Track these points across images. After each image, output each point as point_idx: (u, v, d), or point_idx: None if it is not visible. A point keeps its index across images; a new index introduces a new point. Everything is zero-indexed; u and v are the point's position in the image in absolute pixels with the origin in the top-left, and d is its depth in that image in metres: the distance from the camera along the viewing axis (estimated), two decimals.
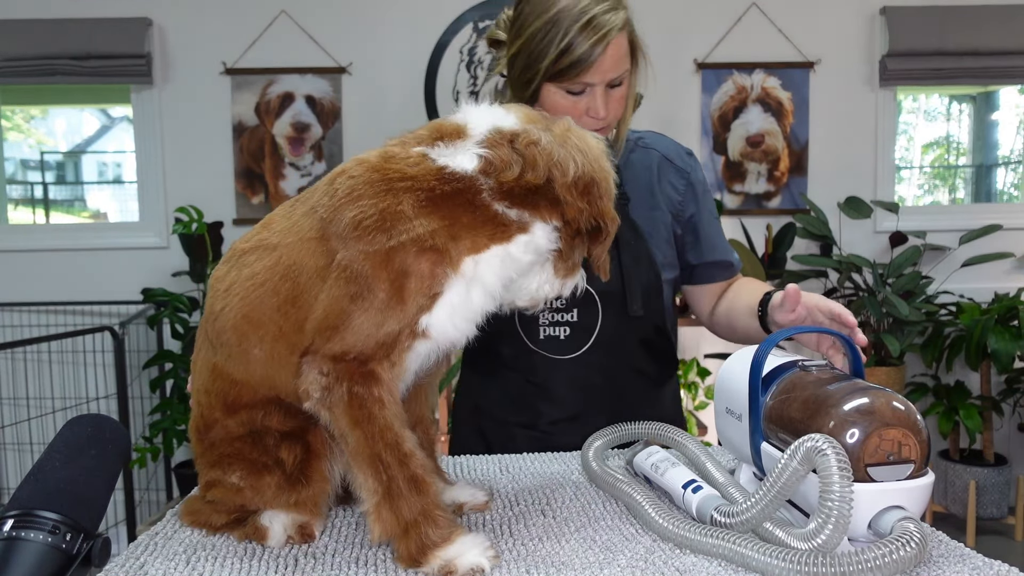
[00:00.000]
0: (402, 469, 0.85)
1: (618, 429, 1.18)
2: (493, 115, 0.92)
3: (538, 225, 0.90)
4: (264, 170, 3.54)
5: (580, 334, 1.34)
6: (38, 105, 3.86)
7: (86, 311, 3.51)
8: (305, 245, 0.88)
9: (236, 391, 0.93)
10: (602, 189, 0.92)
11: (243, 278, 0.91)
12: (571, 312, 1.33)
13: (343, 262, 0.85)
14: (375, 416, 0.86)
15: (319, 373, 0.86)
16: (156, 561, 0.87)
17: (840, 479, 0.75)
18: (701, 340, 3.60)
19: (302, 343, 0.88)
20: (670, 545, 0.89)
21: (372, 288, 0.84)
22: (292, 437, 0.92)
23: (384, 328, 0.85)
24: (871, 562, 0.74)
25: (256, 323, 0.90)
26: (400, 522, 0.85)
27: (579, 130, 0.94)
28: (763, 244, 3.41)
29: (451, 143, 0.89)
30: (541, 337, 1.35)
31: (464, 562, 0.82)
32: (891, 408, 0.82)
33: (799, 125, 3.57)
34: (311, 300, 0.87)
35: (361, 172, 0.88)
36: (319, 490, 0.93)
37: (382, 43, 3.51)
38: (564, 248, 0.93)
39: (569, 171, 0.89)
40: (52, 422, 3.28)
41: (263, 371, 0.91)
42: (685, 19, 3.53)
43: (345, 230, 0.85)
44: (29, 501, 0.63)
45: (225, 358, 0.93)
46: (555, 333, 1.34)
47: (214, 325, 0.94)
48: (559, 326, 1.34)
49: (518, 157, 0.88)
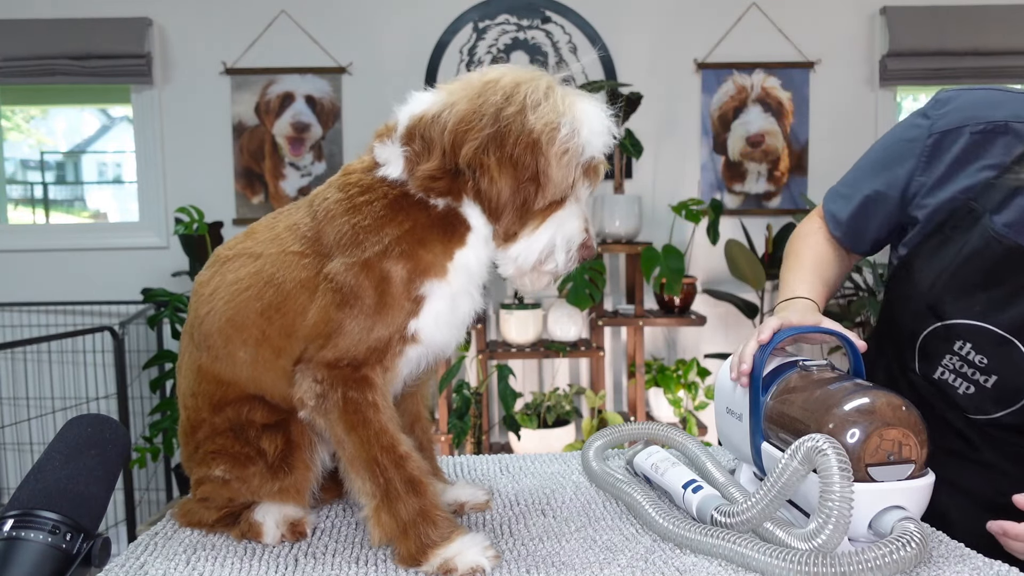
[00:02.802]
0: (399, 471, 0.86)
1: (618, 429, 1.18)
2: (418, 101, 0.92)
3: (468, 211, 0.89)
4: (264, 170, 3.54)
5: (978, 404, 1.02)
6: (38, 105, 3.86)
7: (86, 311, 3.51)
8: (288, 257, 0.91)
9: (223, 391, 0.95)
10: (482, 114, 0.85)
11: (227, 283, 0.94)
12: (989, 377, 0.99)
13: (330, 274, 0.88)
14: (370, 420, 0.87)
15: (313, 380, 0.88)
16: (156, 561, 0.87)
17: (841, 479, 0.75)
18: (701, 340, 3.61)
19: (290, 349, 0.91)
20: (670, 545, 0.89)
21: (359, 295, 0.87)
22: (273, 429, 0.94)
23: (374, 333, 0.88)
24: (871, 562, 0.74)
25: (240, 326, 0.92)
26: (399, 523, 0.85)
27: (494, 69, 0.90)
28: (763, 244, 3.41)
29: (383, 142, 0.92)
30: (936, 376, 1.05)
31: (464, 561, 0.82)
32: (892, 408, 0.82)
33: (799, 125, 3.57)
34: (297, 308, 0.90)
35: (332, 193, 0.92)
36: (302, 477, 0.95)
37: (382, 43, 3.50)
38: (502, 225, 0.89)
39: (447, 127, 0.86)
40: (52, 422, 3.28)
41: (249, 372, 0.94)
42: (685, 19, 3.53)
43: (327, 248, 0.89)
44: (29, 501, 0.63)
45: (211, 360, 0.95)
46: (955, 383, 1.02)
47: (200, 328, 0.96)
48: (966, 380, 1.02)
49: (423, 146, 0.89)
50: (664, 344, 3.64)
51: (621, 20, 3.52)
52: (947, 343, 1.01)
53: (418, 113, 0.90)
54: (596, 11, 3.51)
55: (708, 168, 3.58)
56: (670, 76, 3.54)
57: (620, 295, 3.56)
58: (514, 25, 3.51)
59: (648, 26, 3.54)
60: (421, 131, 0.89)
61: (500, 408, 3.39)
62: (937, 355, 1.03)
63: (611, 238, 3.18)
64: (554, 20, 3.51)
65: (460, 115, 0.86)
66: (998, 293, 0.96)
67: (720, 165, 3.59)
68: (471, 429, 2.91)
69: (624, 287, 3.48)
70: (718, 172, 3.59)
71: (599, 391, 3.17)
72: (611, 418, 3.11)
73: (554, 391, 3.24)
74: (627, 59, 3.54)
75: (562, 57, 3.53)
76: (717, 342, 3.59)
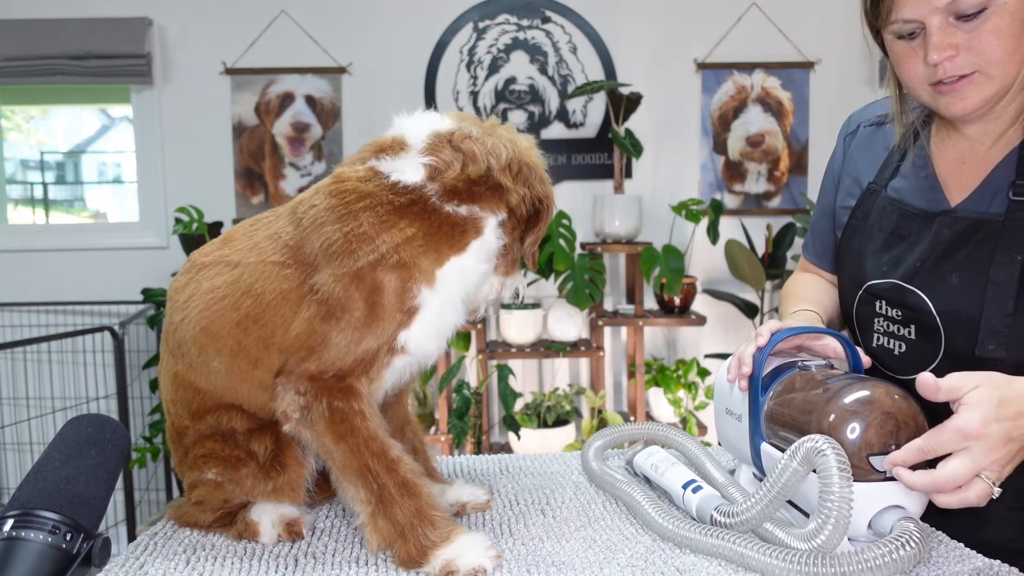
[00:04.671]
0: (391, 476, 0.86)
1: (618, 429, 1.18)
2: (428, 121, 0.95)
3: (488, 221, 0.92)
4: (264, 170, 3.54)
5: (915, 360, 1.05)
6: (38, 105, 3.86)
7: (86, 311, 3.51)
8: (268, 267, 0.90)
9: (200, 398, 0.95)
10: (536, 172, 0.96)
11: (202, 291, 0.93)
12: (908, 327, 1.05)
13: (316, 286, 0.87)
14: (358, 428, 0.87)
15: (296, 393, 0.87)
16: (156, 561, 0.87)
17: (840, 479, 0.75)
18: (701, 340, 3.61)
19: (267, 360, 0.90)
20: (670, 545, 0.89)
21: (347, 308, 0.86)
22: (261, 431, 0.94)
23: (362, 345, 0.87)
24: (871, 562, 0.74)
25: (214, 335, 0.91)
26: (396, 527, 0.85)
27: (504, 126, 0.98)
28: (763, 244, 3.41)
29: (395, 155, 0.92)
30: (874, 344, 1.10)
31: (465, 562, 0.82)
32: (890, 397, 0.82)
33: (799, 125, 3.57)
34: (276, 320, 0.89)
35: (321, 200, 0.91)
36: (296, 475, 0.95)
37: (382, 43, 3.50)
38: (509, 241, 0.96)
39: (502, 156, 0.92)
40: (52, 422, 3.28)
41: (224, 382, 0.93)
42: (685, 19, 3.53)
43: (314, 256, 0.88)
44: (29, 501, 0.63)
45: (186, 368, 0.94)
46: (889, 345, 1.08)
47: (174, 336, 0.95)
48: (894, 338, 1.07)
49: (458, 154, 0.91)
50: (664, 344, 3.64)
51: (621, 20, 3.52)
52: (870, 307, 1.10)
53: (444, 130, 0.93)
54: (596, 11, 3.51)
55: (708, 168, 3.58)
56: (670, 76, 3.54)
57: (620, 295, 3.56)
58: (514, 25, 3.51)
59: (648, 26, 3.54)
60: (455, 143, 0.92)
61: (500, 408, 3.39)
62: (868, 323, 1.11)
63: (611, 238, 3.18)
64: (554, 20, 3.51)
65: (514, 149, 0.94)
66: (897, 251, 1.06)
67: (720, 165, 3.59)
68: (471, 429, 2.92)
69: (624, 287, 3.48)
70: (718, 172, 3.59)
71: (599, 391, 3.17)
72: (611, 418, 3.11)
73: (554, 391, 3.24)
74: (627, 59, 3.54)
75: (562, 57, 3.53)
76: (717, 342, 3.59)
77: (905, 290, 1.03)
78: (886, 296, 1.06)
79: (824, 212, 1.24)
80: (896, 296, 1.05)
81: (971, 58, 0.91)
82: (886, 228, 1.08)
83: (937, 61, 0.92)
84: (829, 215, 1.23)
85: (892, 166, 1.12)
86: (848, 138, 1.25)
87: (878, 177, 1.13)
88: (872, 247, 1.09)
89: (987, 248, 0.96)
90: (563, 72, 3.53)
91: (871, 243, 1.10)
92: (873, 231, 1.10)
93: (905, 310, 1.04)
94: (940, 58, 0.92)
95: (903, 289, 1.03)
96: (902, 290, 1.03)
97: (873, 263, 1.08)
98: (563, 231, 3.01)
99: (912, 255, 1.03)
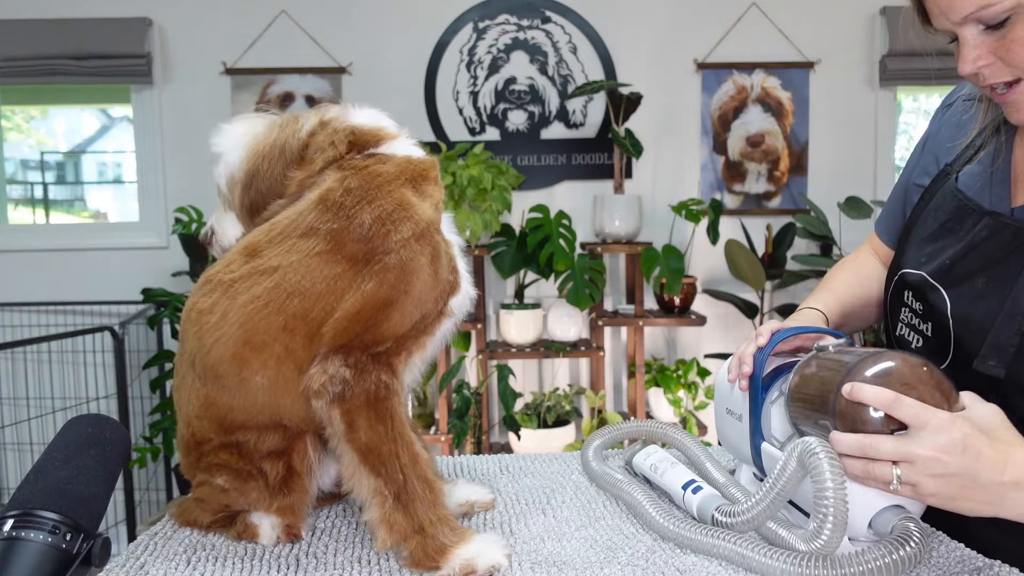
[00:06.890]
0: (415, 468, 0.85)
1: (618, 429, 1.18)
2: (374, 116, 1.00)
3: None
4: None
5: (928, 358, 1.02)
6: (38, 105, 3.86)
7: (86, 311, 3.51)
8: (313, 259, 0.85)
9: (232, 415, 0.92)
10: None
11: (239, 304, 0.87)
12: (927, 324, 1.02)
13: (376, 256, 0.85)
14: (396, 413, 0.86)
15: (343, 365, 0.84)
16: (156, 561, 0.87)
17: (832, 480, 0.75)
18: (701, 340, 3.61)
19: (312, 354, 0.87)
20: (671, 545, 0.89)
21: (414, 271, 0.86)
22: (277, 456, 0.93)
23: (423, 308, 0.88)
24: (871, 563, 0.74)
25: (259, 347, 0.86)
26: (414, 524, 0.84)
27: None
28: (763, 244, 3.41)
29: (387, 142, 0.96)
30: (897, 332, 1.09)
31: (484, 561, 0.82)
32: (911, 367, 0.80)
33: (799, 125, 3.57)
34: (326, 310, 0.85)
35: (354, 182, 0.89)
36: (299, 500, 0.94)
37: (382, 43, 3.50)
38: None
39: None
40: (52, 422, 3.28)
41: (265, 399, 0.89)
42: (685, 19, 3.53)
43: (370, 231, 0.85)
44: (29, 501, 0.63)
45: (218, 389, 0.90)
46: (909, 337, 1.06)
47: (204, 359, 0.89)
48: (915, 332, 1.05)
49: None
50: (664, 344, 3.64)
51: (621, 20, 3.52)
52: (900, 295, 1.06)
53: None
54: (596, 11, 3.51)
55: (708, 168, 3.58)
56: (670, 76, 3.55)
57: (620, 295, 3.56)
58: (514, 25, 3.51)
59: (648, 26, 3.54)
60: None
61: (500, 408, 3.39)
62: (897, 310, 1.08)
63: (611, 238, 3.18)
64: (554, 20, 3.51)
65: None
66: (940, 244, 1.01)
67: (720, 165, 3.59)
68: (471, 429, 2.91)
69: (624, 287, 3.48)
70: (718, 172, 3.59)
71: (599, 391, 3.17)
72: (611, 418, 3.11)
73: (554, 391, 3.24)
74: (627, 59, 3.54)
75: (562, 57, 3.53)
76: (717, 342, 3.59)
77: (930, 286, 1.00)
78: (913, 288, 1.03)
79: (900, 185, 1.19)
80: (921, 290, 1.01)
81: (1007, 66, 0.87)
82: (940, 218, 1.03)
83: (966, 72, 0.89)
84: (903, 190, 1.17)
85: (973, 149, 1.04)
86: (941, 111, 1.15)
87: (957, 160, 1.06)
88: (921, 234, 1.05)
89: (1021, 261, 0.91)
90: (563, 72, 3.53)
91: (923, 230, 1.05)
92: (928, 218, 1.05)
93: (926, 306, 1.01)
94: (971, 69, 0.89)
95: (929, 284, 1.00)
96: (928, 285, 1.00)
97: (914, 251, 1.04)
98: (563, 231, 3.01)
99: (947, 253, 0.99)
